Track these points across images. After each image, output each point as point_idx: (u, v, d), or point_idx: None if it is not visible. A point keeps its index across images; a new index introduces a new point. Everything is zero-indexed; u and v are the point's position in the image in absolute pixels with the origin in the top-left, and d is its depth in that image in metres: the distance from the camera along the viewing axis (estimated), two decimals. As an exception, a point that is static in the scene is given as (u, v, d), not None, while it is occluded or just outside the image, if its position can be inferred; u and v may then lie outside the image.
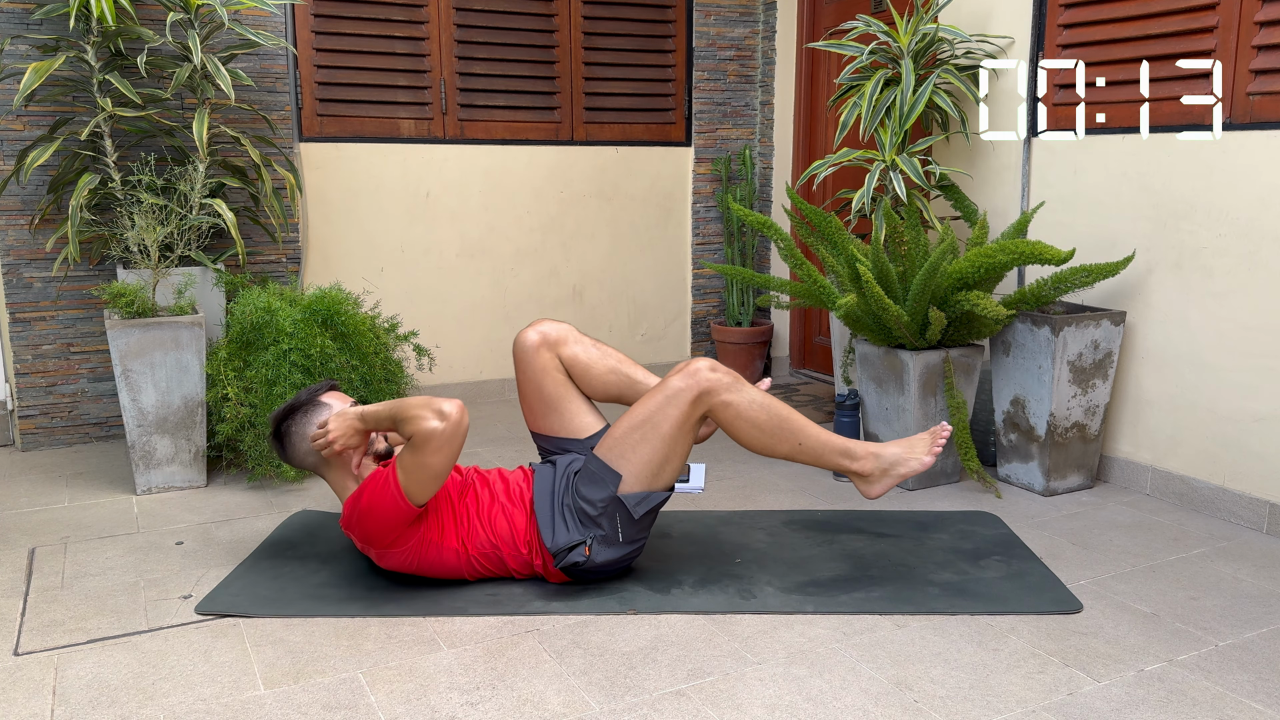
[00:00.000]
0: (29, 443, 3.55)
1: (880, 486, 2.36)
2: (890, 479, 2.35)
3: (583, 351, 2.52)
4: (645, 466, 2.27)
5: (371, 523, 2.24)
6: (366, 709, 1.87)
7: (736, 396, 2.28)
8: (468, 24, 4.07)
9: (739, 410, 2.28)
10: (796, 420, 2.32)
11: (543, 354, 2.50)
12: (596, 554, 2.28)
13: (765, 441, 2.31)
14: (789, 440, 2.31)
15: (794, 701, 1.90)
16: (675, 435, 2.26)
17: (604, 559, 2.29)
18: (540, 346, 2.50)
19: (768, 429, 2.29)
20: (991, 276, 3.06)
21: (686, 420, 2.26)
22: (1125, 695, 1.92)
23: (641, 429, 2.26)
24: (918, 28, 3.25)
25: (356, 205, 4.01)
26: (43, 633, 2.17)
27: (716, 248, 4.72)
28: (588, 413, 2.53)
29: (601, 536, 2.28)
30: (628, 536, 2.30)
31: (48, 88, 3.27)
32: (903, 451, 2.36)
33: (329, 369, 3.09)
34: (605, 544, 2.29)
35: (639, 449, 2.27)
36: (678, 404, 2.25)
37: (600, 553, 2.28)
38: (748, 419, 2.28)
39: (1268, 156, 2.70)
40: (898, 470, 2.35)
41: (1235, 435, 2.85)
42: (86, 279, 3.53)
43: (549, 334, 2.51)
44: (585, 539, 2.27)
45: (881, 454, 2.35)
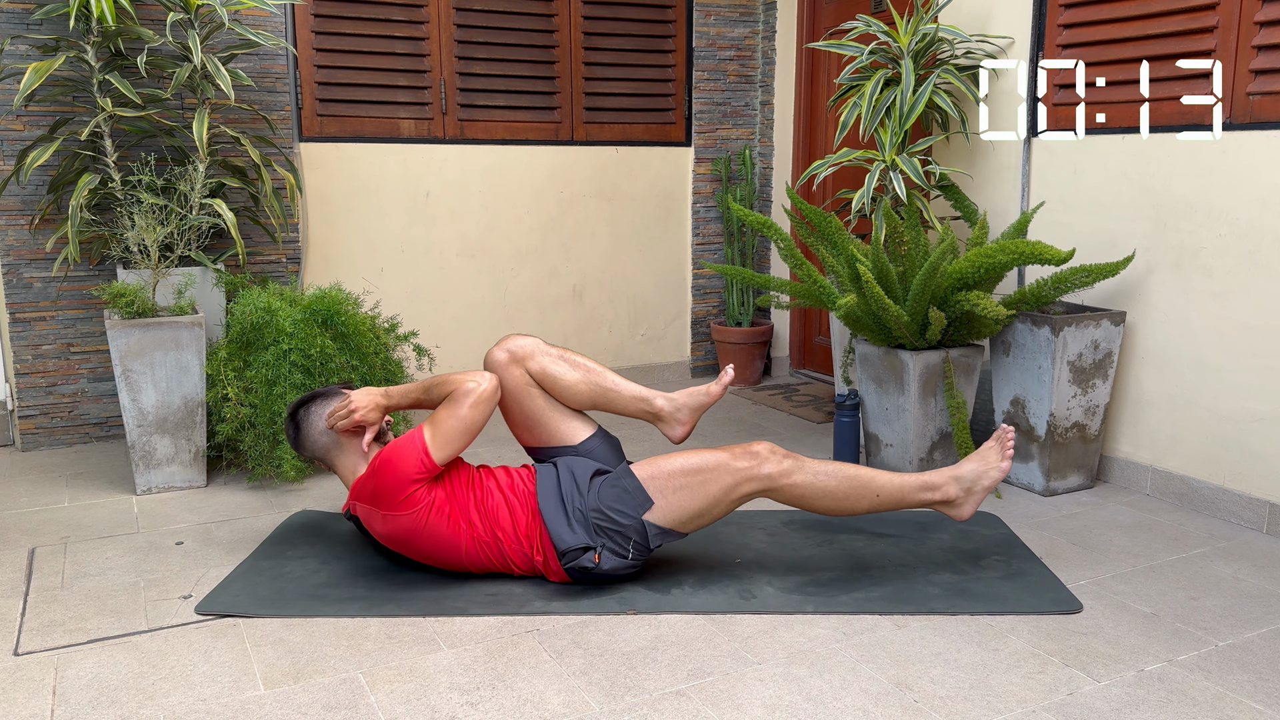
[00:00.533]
0: (29, 443, 3.55)
1: (970, 507, 2.38)
2: (976, 495, 2.38)
3: (551, 364, 2.53)
4: (678, 510, 2.29)
5: (388, 474, 2.27)
6: (366, 709, 1.87)
7: (801, 476, 2.30)
8: (468, 24, 4.07)
9: (809, 486, 2.31)
10: (865, 475, 2.34)
11: (513, 370, 2.51)
12: (605, 562, 2.30)
13: (843, 506, 2.34)
14: (866, 497, 2.33)
15: (794, 701, 1.90)
16: (718, 499, 2.29)
17: (611, 567, 2.31)
18: (510, 363, 2.51)
19: (841, 494, 2.32)
20: (991, 276, 3.06)
21: (734, 493, 2.29)
22: (1125, 695, 1.92)
23: (690, 476, 2.29)
24: (918, 28, 3.25)
25: (356, 205, 4.01)
26: (43, 633, 2.17)
27: (716, 248, 4.72)
28: (573, 419, 2.55)
29: (611, 549, 2.30)
30: (636, 557, 2.33)
31: (48, 88, 3.27)
32: (978, 465, 2.38)
33: (329, 369, 3.09)
34: (614, 555, 2.31)
35: (680, 493, 2.29)
36: (733, 476, 2.28)
37: (609, 561, 2.30)
38: (819, 491, 2.31)
39: (1268, 156, 2.70)
40: (981, 485, 2.37)
41: (1235, 435, 2.85)
42: (86, 279, 3.53)
43: (516, 350, 2.52)
44: (596, 546, 2.29)
45: (960, 475, 2.37)
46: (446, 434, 2.28)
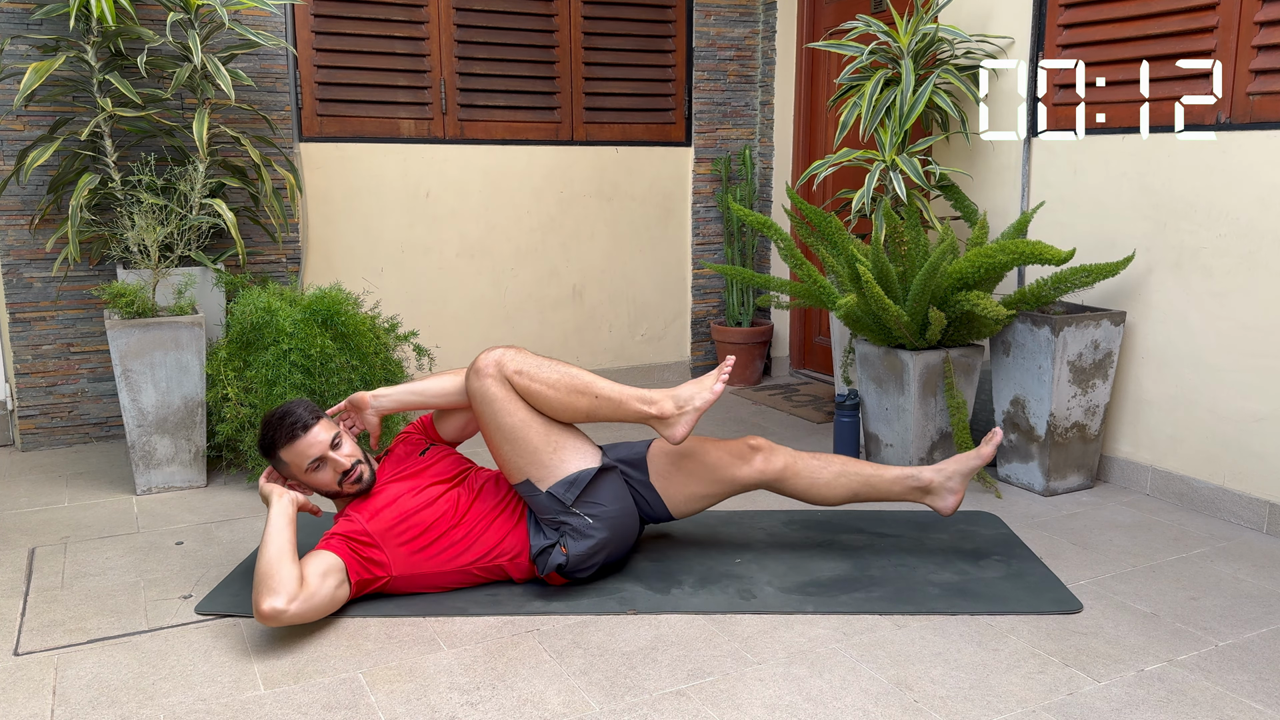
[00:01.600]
0: (29, 443, 3.55)
1: (684, 427, 2.34)
2: (690, 415, 2.33)
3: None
4: (530, 461, 2.30)
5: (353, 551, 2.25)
6: (366, 709, 1.87)
7: (524, 364, 2.31)
8: (468, 24, 4.07)
9: (531, 376, 2.30)
10: (587, 375, 2.35)
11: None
12: (573, 549, 2.29)
13: (562, 400, 2.31)
14: (585, 399, 2.32)
15: (794, 701, 1.90)
16: (514, 425, 2.29)
17: (582, 549, 2.29)
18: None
19: (561, 387, 2.31)
20: (991, 276, 3.06)
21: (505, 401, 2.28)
22: (1125, 695, 1.92)
23: (498, 438, 2.31)
24: (918, 28, 3.25)
25: (356, 205, 4.01)
26: (43, 633, 2.17)
27: (716, 248, 4.72)
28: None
29: (570, 530, 2.30)
30: (591, 517, 2.31)
31: (48, 88, 3.27)
32: (694, 388, 2.36)
33: (329, 369, 3.09)
34: (576, 536, 2.30)
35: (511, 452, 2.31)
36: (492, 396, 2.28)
37: (576, 545, 2.29)
38: (541, 381, 2.30)
39: (1268, 156, 2.70)
40: (694, 405, 2.33)
41: (1235, 435, 2.85)
42: (86, 279, 3.53)
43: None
44: (557, 540, 2.30)
45: (677, 394, 2.35)
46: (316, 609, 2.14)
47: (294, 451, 2.30)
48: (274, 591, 2.04)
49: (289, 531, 2.16)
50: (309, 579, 2.11)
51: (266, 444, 2.34)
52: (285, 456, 2.32)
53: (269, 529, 2.16)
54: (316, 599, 2.10)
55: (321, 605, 2.12)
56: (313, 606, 2.09)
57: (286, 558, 2.10)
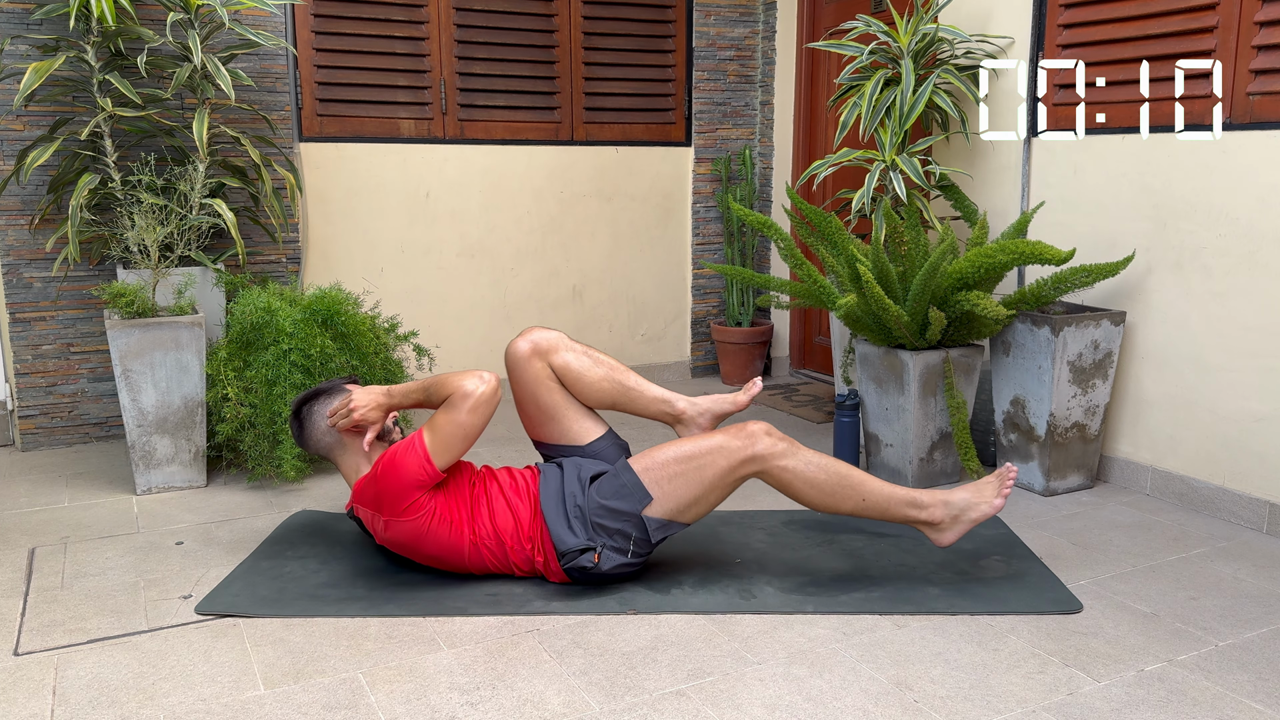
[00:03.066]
0: (29, 443, 3.55)
1: (953, 534, 2.34)
2: (962, 525, 2.33)
3: (574, 360, 2.52)
4: (676, 500, 2.28)
5: (390, 481, 2.27)
6: (366, 709, 1.87)
7: (793, 461, 2.28)
8: (468, 24, 4.07)
9: (796, 473, 2.28)
10: (856, 476, 2.31)
11: (535, 363, 2.50)
12: (605, 561, 2.29)
13: (827, 501, 2.31)
14: (852, 498, 2.31)
15: (794, 701, 1.90)
16: (714, 484, 2.28)
17: (611, 566, 2.30)
18: (532, 356, 2.50)
19: (828, 489, 2.30)
20: (991, 276, 3.06)
21: (730, 475, 2.27)
22: (1125, 695, 1.92)
23: (685, 463, 2.28)
24: (918, 28, 3.25)
25: (356, 205, 4.01)
26: (43, 633, 2.17)
27: (716, 248, 4.72)
28: (586, 419, 2.55)
29: (613, 547, 2.30)
30: (637, 554, 2.32)
31: (48, 88, 3.27)
32: (971, 496, 2.34)
33: (329, 369, 3.09)
34: (615, 553, 2.30)
35: (675, 481, 2.28)
36: (727, 458, 2.26)
37: (609, 559, 2.30)
38: (806, 480, 2.29)
39: (1268, 156, 2.70)
40: (969, 516, 2.33)
41: (1235, 435, 2.85)
42: (86, 279, 3.53)
43: (540, 342, 2.51)
44: (596, 546, 2.28)
45: (951, 501, 2.33)
46: (446, 440, 2.27)
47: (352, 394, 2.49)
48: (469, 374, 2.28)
49: None
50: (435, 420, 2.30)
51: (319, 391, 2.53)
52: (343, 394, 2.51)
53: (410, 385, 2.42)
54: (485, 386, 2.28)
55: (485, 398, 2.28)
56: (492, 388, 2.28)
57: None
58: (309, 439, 2.53)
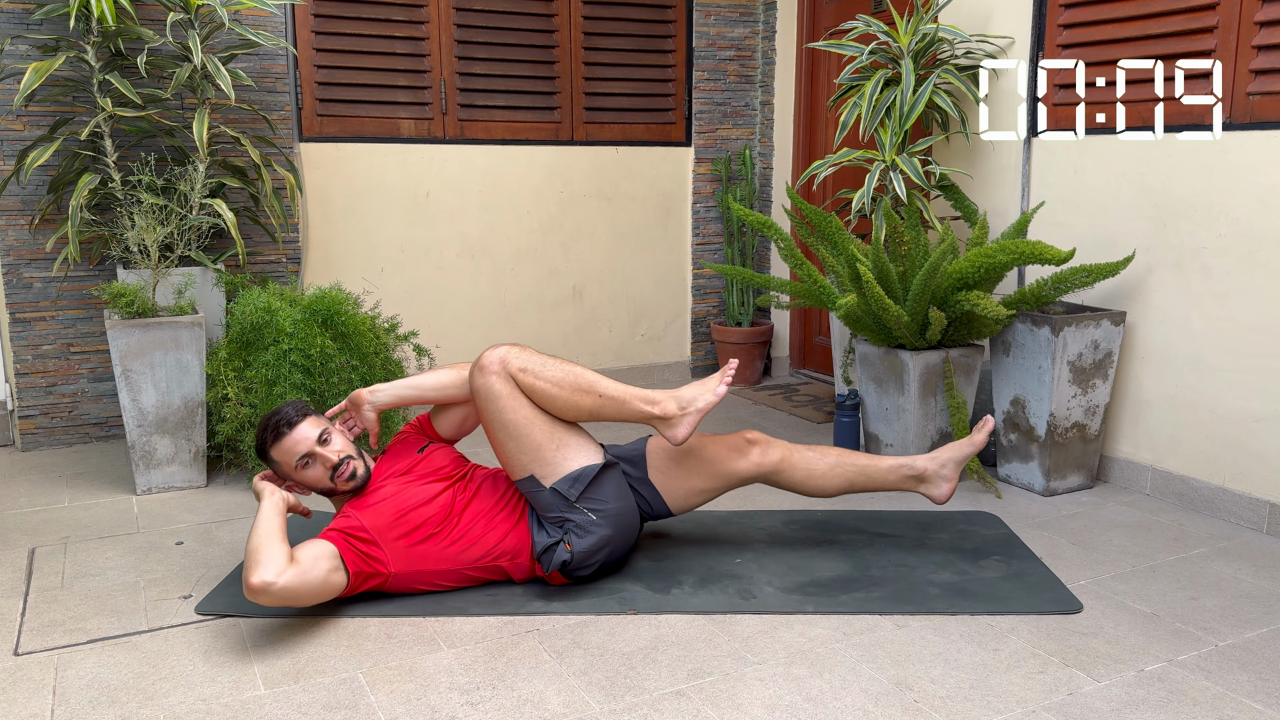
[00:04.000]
0: (29, 443, 3.55)
1: (685, 427, 2.35)
2: (693, 416, 2.35)
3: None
4: (534, 457, 2.30)
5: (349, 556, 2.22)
6: (366, 709, 1.87)
7: (528, 362, 2.31)
8: (468, 24, 4.07)
9: (536, 374, 2.31)
10: (591, 374, 2.36)
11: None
12: (577, 545, 2.28)
13: (566, 398, 2.32)
14: (589, 394, 2.33)
15: (794, 701, 1.90)
16: (518, 422, 2.29)
17: (586, 545, 2.29)
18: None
19: (566, 385, 2.32)
20: (991, 276, 3.06)
21: (509, 399, 2.29)
22: (1125, 695, 1.92)
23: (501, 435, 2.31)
24: (918, 28, 3.25)
25: (356, 205, 4.01)
26: (43, 633, 2.17)
27: (716, 248, 4.72)
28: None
29: (574, 527, 2.30)
30: (594, 512, 2.31)
31: (48, 88, 3.27)
32: (698, 390, 2.37)
33: (329, 369, 3.09)
34: (580, 532, 2.30)
35: (515, 449, 2.31)
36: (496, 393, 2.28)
37: (580, 542, 2.29)
38: (546, 379, 2.31)
39: (1268, 156, 2.70)
40: (696, 405, 2.35)
41: (1235, 435, 2.85)
42: (86, 279, 3.53)
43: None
44: (560, 538, 2.29)
45: (680, 395, 2.37)
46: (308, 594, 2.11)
47: (281, 449, 2.31)
48: (261, 565, 2.02)
49: (279, 520, 2.15)
50: (301, 559, 2.08)
51: (259, 446, 2.35)
52: (275, 455, 2.32)
53: (259, 516, 2.15)
54: (308, 577, 2.07)
55: (314, 585, 2.08)
56: (305, 583, 2.06)
57: (275, 538, 2.09)
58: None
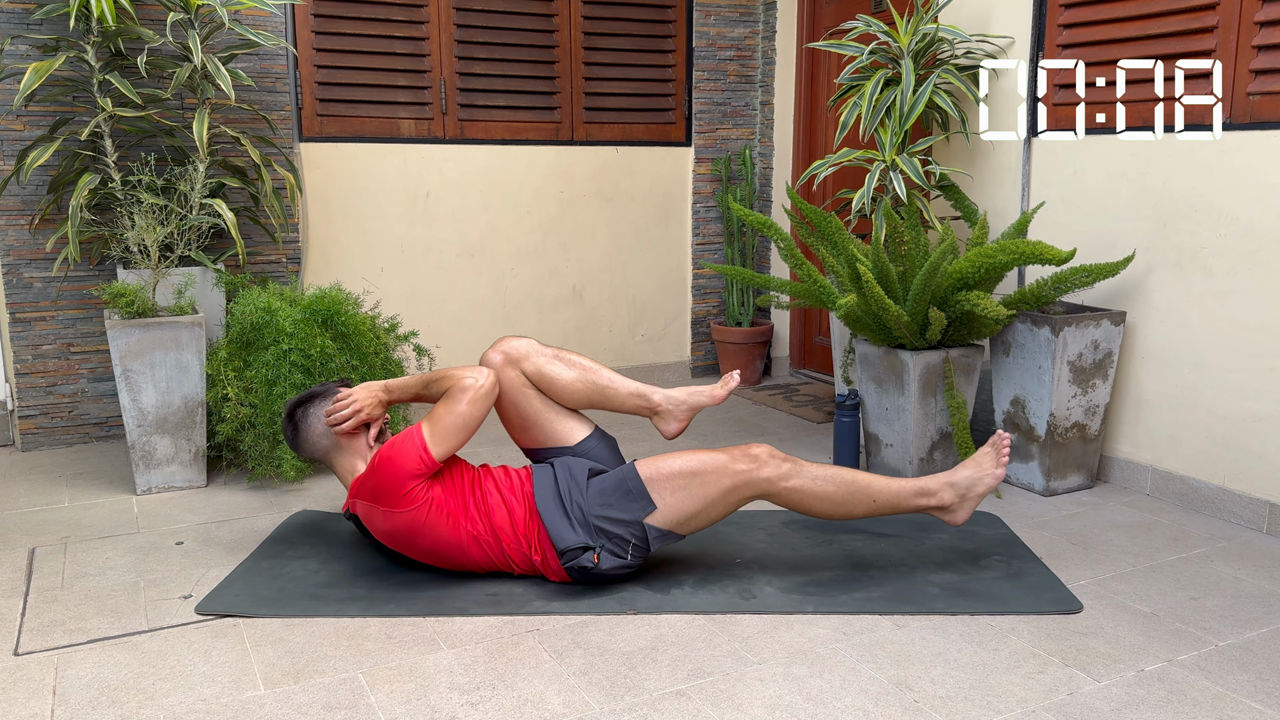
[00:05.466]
0: (29, 443, 3.55)
1: (964, 512, 2.41)
2: (971, 501, 2.40)
3: (547, 365, 2.54)
4: (678, 512, 2.30)
5: (388, 471, 2.27)
6: (366, 709, 1.87)
7: (799, 481, 2.32)
8: (468, 24, 4.07)
9: (806, 492, 2.32)
10: (863, 480, 2.36)
11: (509, 372, 2.53)
12: (604, 562, 2.30)
13: (840, 511, 2.36)
14: (864, 502, 2.35)
15: (794, 701, 1.90)
16: (715, 501, 2.30)
17: (609, 567, 2.31)
18: (505, 365, 2.53)
19: (839, 499, 2.34)
20: (992, 276, 3.06)
21: (733, 495, 2.30)
22: (1125, 695, 1.92)
23: (689, 477, 2.30)
24: (918, 28, 3.25)
25: (356, 205, 4.01)
26: (43, 633, 2.17)
27: (716, 248, 4.72)
28: (570, 419, 2.57)
29: (611, 550, 2.30)
30: (634, 558, 2.33)
31: (48, 88, 3.27)
32: (974, 472, 2.40)
33: (329, 369, 3.09)
34: (613, 556, 2.31)
35: (679, 494, 2.30)
36: (731, 479, 2.29)
37: (607, 560, 2.30)
38: (817, 496, 2.33)
39: (1268, 156, 2.70)
40: (975, 491, 2.39)
41: (1235, 435, 2.85)
42: (86, 279, 3.53)
43: (511, 352, 2.54)
44: (595, 546, 2.29)
45: (955, 481, 2.39)
46: (445, 430, 2.29)
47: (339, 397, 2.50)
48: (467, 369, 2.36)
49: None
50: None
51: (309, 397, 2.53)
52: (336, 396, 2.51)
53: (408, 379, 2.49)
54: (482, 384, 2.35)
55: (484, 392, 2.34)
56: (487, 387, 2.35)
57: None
58: (304, 442, 2.52)
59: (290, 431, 2.54)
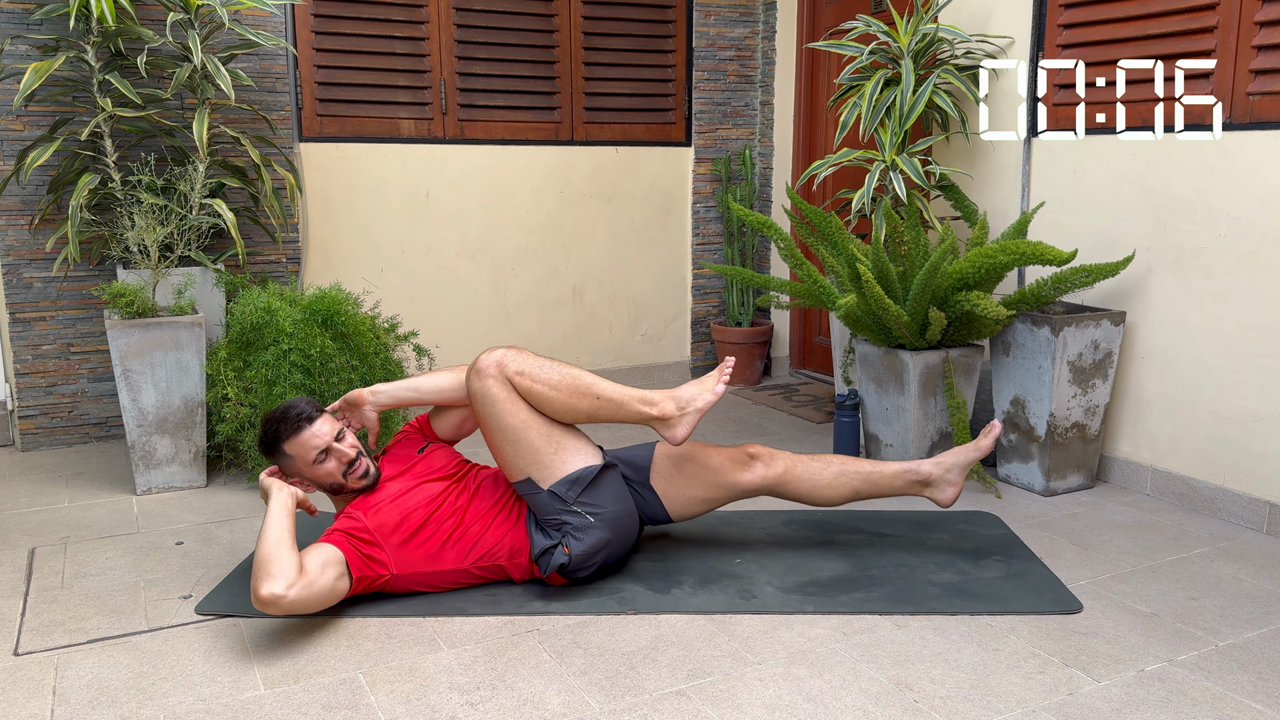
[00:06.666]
0: (29, 443, 3.55)
1: (684, 427, 2.36)
2: (692, 415, 2.35)
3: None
4: (531, 460, 2.30)
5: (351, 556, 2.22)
6: (366, 709, 1.87)
7: (525, 365, 2.32)
8: (468, 24, 4.07)
9: (533, 377, 2.31)
10: (588, 377, 2.35)
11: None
12: (574, 548, 2.28)
13: (564, 401, 2.32)
14: (587, 397, 2.33)
15: (794, 701, 1.90)
16: (515, 425, 2.29)
17: (584, 548, 2.29)
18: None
19: (563, 388, 2.32)
20: (992, 277, 3.06)
21: (506, 402, 2.29)
22: (1125, 695, 1.92)
23: (499, 438, 2.31)
24: (918, 28, 3.25)
25: (356, 205, 4.01)
26: (43, 633, 2.17)
27: (716, 248, 4.72)
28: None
29: (571, 529, 2.29)
30: (592, 515, 2.30)
31: (48, 88, 3.27)
32: (696, 390, 2.37)
33: (329, 369, 3.09)
34: (578, 535, 2.29)
35: (512, 452, 2.30)
36: (494, 396, 2.28)
37: (577, 545, 2.28)
38: (543, 382, 2.31)
39: (1268, 156, 2.70)
40: (695, 405, 2.35)
41: (1235, 435, 2.85)
42: (86, 279, 3.53)
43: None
44: (559, 541, 2.29)
45: (678, 395, 2.37)
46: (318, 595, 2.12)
47: (298, 443, 2.30)
48: (272, 576, 2.03)
49: (288, 522, 2.15)
50: (309, 568, 2.09)
51: (270, 439, 2.33)
52: (290, 449, 2.30)
53: (268, 518, 2.15)
54: (315, 587, 2.08)
55: (320, 594, 2.10)
56: (312, 594, 2.07)
57: (285, 545, 2.10)
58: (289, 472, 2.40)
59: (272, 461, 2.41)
